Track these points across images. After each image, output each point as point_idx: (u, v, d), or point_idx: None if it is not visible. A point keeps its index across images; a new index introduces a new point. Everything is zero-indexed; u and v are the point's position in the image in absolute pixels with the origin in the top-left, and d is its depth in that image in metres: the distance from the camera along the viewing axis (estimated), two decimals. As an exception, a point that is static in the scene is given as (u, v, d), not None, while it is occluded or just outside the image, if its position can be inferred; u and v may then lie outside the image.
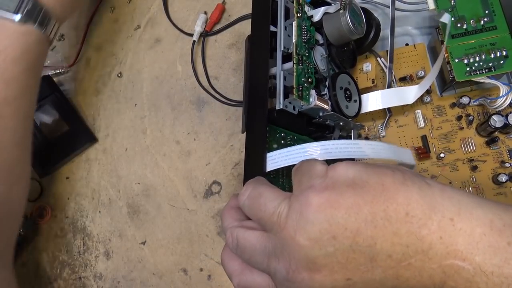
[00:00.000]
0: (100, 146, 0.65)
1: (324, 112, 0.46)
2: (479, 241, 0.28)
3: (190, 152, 0.61)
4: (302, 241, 0.30)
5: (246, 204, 0.36)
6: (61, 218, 0.64)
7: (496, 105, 0.48)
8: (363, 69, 0.54)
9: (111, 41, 0.68)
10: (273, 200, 0.34)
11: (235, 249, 0.36)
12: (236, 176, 0.58)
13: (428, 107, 0.53)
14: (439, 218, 0.29)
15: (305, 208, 0.31)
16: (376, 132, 0.54)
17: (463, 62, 0.48)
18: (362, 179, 0.31)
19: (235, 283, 0.37)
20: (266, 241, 0.34)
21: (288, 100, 0.43)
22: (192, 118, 0.62)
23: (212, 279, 0.56)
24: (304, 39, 0.46)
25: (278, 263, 0.32)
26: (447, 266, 0.28)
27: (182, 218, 0.58)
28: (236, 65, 0.62)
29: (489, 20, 0.49)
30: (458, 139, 0.52)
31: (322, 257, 0.30)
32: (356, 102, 0.50)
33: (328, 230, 0.30)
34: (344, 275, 0.30)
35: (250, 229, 0.36)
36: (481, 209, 0.30)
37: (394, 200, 0.29)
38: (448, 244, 0.28)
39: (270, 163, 0.41)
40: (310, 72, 0.45)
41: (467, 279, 0.28)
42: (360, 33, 0.48)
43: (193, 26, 0.64)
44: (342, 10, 0.47)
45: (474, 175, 0.51)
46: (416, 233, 0.29)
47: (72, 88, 0.68)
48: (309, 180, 0.33)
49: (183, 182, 0.60)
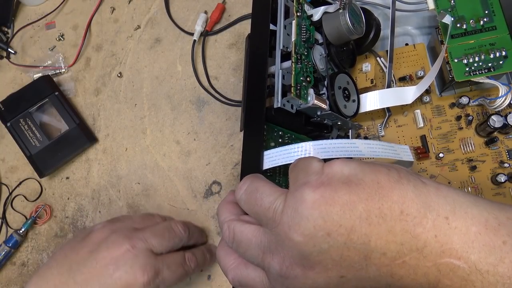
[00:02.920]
0: (100, 146, 0.65)
1: (322, 111, 0.45)
2: (474, 240, 0.28)
3: (190, 152, 0.61)
4: (296, 237, 0.30)
5: (243, 198, 0.36)
6: (61, 218, 0.64)
7: (495, 105, 0.48)
8: (362, 69, 0.54)
9: (111, 41, 0.68)
10: (270, 195, 0.34)
11: (231, 243, 0.36)
12: (236, 176, 0.58)
13: (427, 107, 0.53)
14: (434, 217, 0.29)
15: (300, 204, 0.31)
16: (376, 132, 0.54)
17: (462, 62, 0.48)
18: (357, 177, 0.31)
19: (230, 278, 0.37)
20: (261, 236, 0.34)
21: (286, 98, 0.43)
22: (192, 118, 0.62)
23: (212, 279, 0.56)
24: (303, 38, 0.46)
25: (272, 259, 0.32)
26: (442, 264, 0.28)
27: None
28: (236, 65, 0.62)
29: (488, 20, 0.49)
30: (457, 139, 0.52)
31: (316, 253, 0.30)
32: (354, 102, 0.50)
33: (323, 226, 0.29)
34: (338, 273, 0.30)
35: (247, 223, 0.36)
36: (476, 208, 0.30)
37: (389, 198, 0.29)
38: (443, 243, 0.28)
39: (267, 161, 0.41)
40: (308, 71, 0.45)
41: (462, 277, 0.28)
42: (360, 33, 0.48)
43: (193, 26, 0.64)
44: (342, 9, 0.47)
45: (473, 175, 0.51)
46: (410, 231, 0.29)
47: (72, 88, 0.68)
48: (305, 176, 0.33)
49: (183, 182, 0.60)
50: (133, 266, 0.46)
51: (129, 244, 0.47)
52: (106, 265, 0.47)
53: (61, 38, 0.70)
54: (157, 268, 0.47)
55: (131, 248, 0.47)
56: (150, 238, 0.49)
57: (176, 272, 0.50)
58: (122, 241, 0.48)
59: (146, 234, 0.49)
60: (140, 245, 0.48)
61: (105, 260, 0.47)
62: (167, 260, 0.49)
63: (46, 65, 0.69)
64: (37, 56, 0.71)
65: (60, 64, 0.69)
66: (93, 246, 0.48)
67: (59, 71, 0.68)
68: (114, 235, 0.48)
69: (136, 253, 0.47)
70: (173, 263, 0.50)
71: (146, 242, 0.48)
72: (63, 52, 0.70)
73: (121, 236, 0.48)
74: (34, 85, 0.66)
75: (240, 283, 0.37)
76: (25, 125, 0.64)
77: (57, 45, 0.71)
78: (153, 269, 0.47)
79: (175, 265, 0.50)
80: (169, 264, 0.49)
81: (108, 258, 0.47)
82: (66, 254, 0.49)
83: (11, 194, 0.66)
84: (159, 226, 0.51)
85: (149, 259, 0.47)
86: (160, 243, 0.49)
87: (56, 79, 0.68)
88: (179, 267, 0.50)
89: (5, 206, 0.66)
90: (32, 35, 0.72)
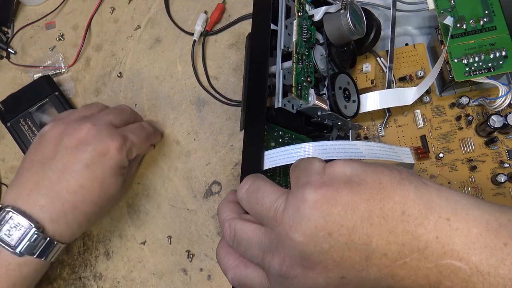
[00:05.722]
0: (100, 146, 0.65)
1: (322, 111, 0.46)
2: (476, 241, 0.28)
3: (190, 152, 0.61)
4: (297, 237, 0.30)
5: (244, 197, 0.36)
6: (61, 218, 0.64)
7: (495, 105, 0.48)
8: (362, 69, 0.54)
9: (111, 41, 0.68)
10: (271, 194, 0.34)
11: (232, 241, 0.36)
12: (236, 176, 0.58)
13: (427, 107, 0.53)
14: (436, 218, 0.29)
15: (302, 204, 0.31)
16: (376, 132, 0.54)
17: (462, 62, 0.48)
18: (359, 177, 0.31)
19: (229, 277, 0.37)
20: (262, 235, 0.34)
21: (287, 98, 0.43)
22: (192, 118, 0.62)
23: (212, 279, 0.56)
24: (304, 38, 0.46)
25: (272, 258, 0.33)
26: (443, 266, 0.28)
27: (182, 218, 0.58)
28: (236, 65, 0.62)
29: (488, 20, 0.49)
30: (457, 139, 0.52)
31: (317, 254, 0.30)
32: (354, 102, 0.50)
33: (324, 226, 0.29)
34: (339, 273, 0.30)
35: (248, 221, 0.36)
36: (478, 209, 0.30)
37: (390, 198, 0.29)
38: (444, 244, 0.28)
39: (268, 161, 0.41)
40: (309, 71, 0.45)
41: (463, 279, 0.28)
42: (361, 34, 0.48)
43: (193, 26, 0.64)
44: (343, 10, 0.47)
45: (473, 175, 0.51)
46: (412, 232, 0.29)
47: (72, 88, 0.68)
48: (307, 176, 0.33)
49: (183, 182, 0.60)
50: (101, 137, 0.49)
51: (90, 123, 0.50)
52: (76, 146, 0.49)
53: (61, 38, 0.70)
54: (122, 135, 0.51)
55: (92, 126, 0.50)
56: (104, 116, 0.53)
57: (140, 135, 0.54)
58: (81, 124, 0.50)
59: (100, 115, 0.53)
60: (99, 123, 0.51)
61: (73, 143, 0.49)
62: (128, 128, 0.54)
63: (46, 65, 0.69)
64: (37, 56, 0.70)
65: (60, 64, 0.69)
66: (55, 141, 0.50)
67: (59, 71, 0.68)
68: (71, 125, 0.51)
69: (98, 128, 0.50)
70: (134, 128, 0.54)
71: (103, 120, 0.52)
72: (63, 52, 0.70)
73: (77, 122, 0.51)
74: (34, 85, 0.65)
75: (239, 283, 0.37)
76: (25, 125, 0.64)
77: (57, 45, 0.70)
78: (120, 135, 0.51)
79: (137, 130, 0.54)
80: (131, 130, 0.54)
81: (75, 141, 0.49)
82: (32, 159, 0.50)
83: (11, 194, 0.66)
84: (108, 109, 0.56)
85: (112, 129, 0.51)
86: (115, 117, 0.54)
87: (56, 79, 0.68)
88: (142, 130, 0.55)
89: (5, 206, 0.66)
90: (32, 35, 0.72)
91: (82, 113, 0.54)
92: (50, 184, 0.48)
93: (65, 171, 0.48)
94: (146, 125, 0.57)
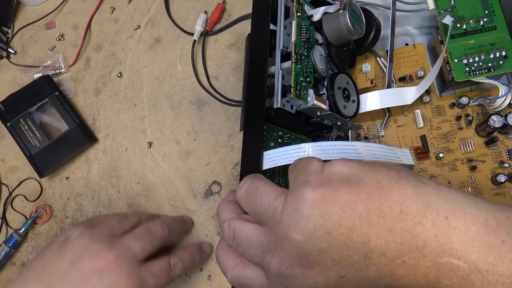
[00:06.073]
0: (100, 146, 0.65)
1: (321, 111, 0.45)
2: (474, 239, 0.28)
3: (190, 152, 0.61)
4: (296, 237, 0.30)
5: (243, 197, 0.36)
6: (61, 218, 0.64)
7: (495, 105, 0.48)
8: (362, 69, 0.54)
9: (111, 41, 0.68)
10: (270, 194, 0.34)
11: (231, 241, 0.36)
12: (236, 176, 0.58)
13: (427, 107, 0.53)
14: (434, 216, 0.29)
15: (300, 203, 0.31)
16: (376, 132, 0.54)
17: (462, 62, 0.48)
18: (357, 176, 0.31)
19: (228, 277, 0.37)
20: (261, 235, 0.34)
21: (286, 99, 0.43)
22: (192, 118, 0.62)
23: (212, 279, 0.56)
24: (304, 39, 0.46)
25: (271, 258, 0.32)
26: (442, 264, 0.28)
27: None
28: (236, 65, 0.62)
29: (488, 20, 0.49)
30: (457, 139, 0.52)
31: (315, 253, 0.30)
32: (354, 102, 0.50)
33: (323, 225, 0.29)
34: (337, 272, 0.30)
35: (247, 221, 0.36)
36: (476, 208, 0.30)
37: (389, 197, 0.29)
38: (442, 242, 0.28)
39: (267, 161, 0.41)
40: (308, 71, 0.45)
41: (462, 277, 0.28)
42: (360, 34, 0.48)
43: (193, 26, 0.64)
44: (342, 10, 0.47)
45: (473, 175, 0.51)
46: (410, 230, 0.29)
47: (72, 88, 0.68)
48: (305, 176, 0.33)
49: (183, 182, 0.60)
50: (118, 277, 0.46)
51: (113, 254, 0.46)
52: (90, 276, 0.45)
53: (61, 38, 0.70)
54: (141, 278, 0.47)
55: (114, 259, 0.46)
56: (131, 244, 0.48)
57: (161, 280, 0.49)
58: (105, 250, 0.47)
59: (127, 241, 0.48)
60: (124, 254, 0.47)
61: (88, 271, 0.46)
62: (152, 268, 0.49)
63: (46, 65, 0.69)
64: (37, 56, 0.71)
65: (60, 64, 0.69)
66: (74, 256, 0.47)
67: (59, 71, 0.68)
68: (96, 244, 0.47)
69: (120, 263, 0.46)
70: (157, 271, 0.49)
71: (128, 250, 0.48)
72: (63, 52, 0.70)
73: (103, 245, 0.47)
74: (34, 85, 0.66)
75: (238, 283, 0.37)
76: (25, 125, 0.64)
77: (57, 45, 0.70)
78: (138, 279, 0.47)
79: (159, 273, 0.49)
80: (153, 272, 0.49)
81: (91, 269, 0.46)
82: (44, 265, 0.47)
83: (11, 194, 0.66)
84: (138, 230, 0.51)
85: (133, 269, 0.47)
86: (142, 249, 0.49)
87: (56, 79, 0.68)
88: (164, 274, 0.50)
89: (5, 206, 0.66)
90: (32, 35, 0.72)
91: (114, 226, 0.50)
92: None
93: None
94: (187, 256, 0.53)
